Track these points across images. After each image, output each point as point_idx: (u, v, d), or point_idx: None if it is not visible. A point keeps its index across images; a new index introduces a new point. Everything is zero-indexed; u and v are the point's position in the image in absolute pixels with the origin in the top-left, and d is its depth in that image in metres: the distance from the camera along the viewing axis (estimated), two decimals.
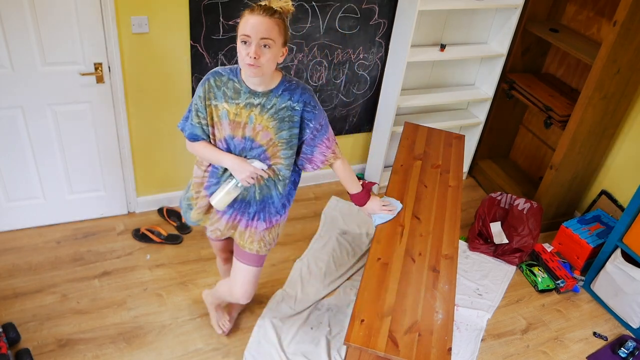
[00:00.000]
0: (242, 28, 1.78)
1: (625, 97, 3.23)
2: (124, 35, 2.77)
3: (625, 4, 2.82)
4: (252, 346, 2.68)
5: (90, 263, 3.04)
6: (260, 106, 1.94)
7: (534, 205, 3.44)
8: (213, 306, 2.70)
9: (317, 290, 3.04)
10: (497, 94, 3.90)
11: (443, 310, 2.00)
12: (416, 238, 2.32)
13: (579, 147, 3.37)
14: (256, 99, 1.93)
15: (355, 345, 1.83)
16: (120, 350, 2.59)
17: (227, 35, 3.00)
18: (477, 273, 3.32)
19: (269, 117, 1.95)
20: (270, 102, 1.94)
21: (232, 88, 1.94)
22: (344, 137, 3.83)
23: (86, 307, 2.78)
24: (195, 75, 3.06)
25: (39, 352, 2.53)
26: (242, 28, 1.78)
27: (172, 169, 3.37)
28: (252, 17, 1.77)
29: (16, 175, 3.00)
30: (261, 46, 1.78)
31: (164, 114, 3.13)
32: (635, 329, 3.05)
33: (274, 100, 1.94)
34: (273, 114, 1.95)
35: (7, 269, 2.94)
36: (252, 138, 1.99)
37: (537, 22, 3.60)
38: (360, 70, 3.52)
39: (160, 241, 3.22)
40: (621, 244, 3.06)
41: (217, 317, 2.73)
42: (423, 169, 2.76)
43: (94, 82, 2.86)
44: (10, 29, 2.55)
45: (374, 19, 3.33)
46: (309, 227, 3.52)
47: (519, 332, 3.00)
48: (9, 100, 2.74)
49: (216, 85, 1.94)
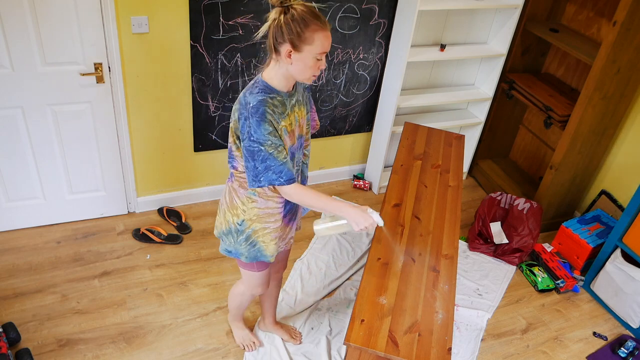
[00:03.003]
0: (319, 46, 1.71)
1: (625, 97, 3.23)
2: (124, 35, 2.77)
3: (625, 4, 2.82)
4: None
5: (90, 263, 3.04)
6: (297, 102, 1.91)
7: (533, 205, 3.44)
8: (238, 320, 2.65)
9: (317, 290, 3.04)
10: (497, 94, 3.90)
11: (443, 310, 2.00)
12: (416, 238, 2.32)
13: (579, 147, 3.37)
14: (293, 98, 1.88)
15: (355, 345, 1.83)
16: (120, 350, 2.59)
17: (227, 35, 3.00)
18: (477, 273, 3.32)
19: (302, 106, 1.94)
20: (298, 93, 1.92)
21: (279, 103, 1.82)
22: (344, 137, 3.83)
23: (86, 307, 2.78)
24: (195, 75, 3.06)
25: (39, 352, 2.53)
26: (319, 46, 1.71)
27: (172, 169, 3.37)
28: (326, 34, 1.72)
29: (16, 175, 3.00)
30: None
31: (164, 114, 3.13)
32: (635, 329, 3.05)
33: (298, 90, 1.92)
34: (302, 102, 1.95)
35: (7, 269, 2.94)
36: (300, 135, 1.97)
37: (537, 22, 3.60)
38: (360, 70, 3.52)
39: (160, 241, 3.22)
40: (621, 244, 3.06)
41: (243, 335, 2.67)
42: (423, 169, 2.77)
43: (94, 82, 2.86)
44: (10, 29, 2.55)
45: (374, 19, 3.33)
46: (309, 227, 3.52)
47: (519, 332, 3.00)
48: (9, 100, 2.74)
49: (272, 111, 1.78)
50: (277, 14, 1.70)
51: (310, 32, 1.68)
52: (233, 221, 2.01)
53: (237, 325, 2.67)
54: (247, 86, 1.84)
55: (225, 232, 2.06)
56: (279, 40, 1.71)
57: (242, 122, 1.78)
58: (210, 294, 2.95)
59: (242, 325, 2.68)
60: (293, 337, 2.72)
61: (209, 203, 3.59)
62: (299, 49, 1.70)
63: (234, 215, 2.00)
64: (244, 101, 1.78)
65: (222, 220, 2.07)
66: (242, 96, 1.80)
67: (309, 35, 1.68)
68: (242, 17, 2.97)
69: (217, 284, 3.00)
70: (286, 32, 1.68)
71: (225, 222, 2.05)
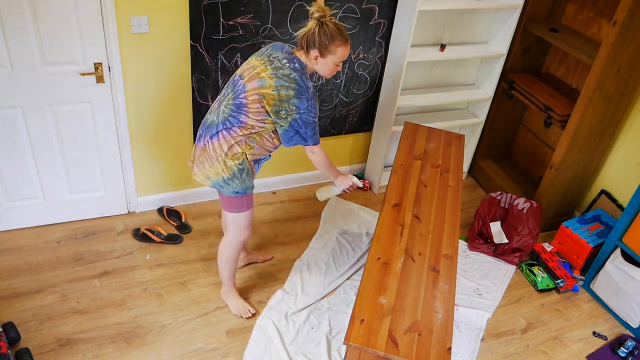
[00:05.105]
0: (340, 56, 2.25)
1: (625, 97, 3.23)
2: (124, 35, 2.77)
3: (625, 4, 2.82)
4: (252, 346, 2.69)
5: (90, 263, 3.04)
6: None
7: (533, 205, 3.44)
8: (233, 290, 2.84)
9: (317, 290, 3.04)
10: (497, 94, 3.90)
11: (443, 310, 2.01)
12: (416, 238, 2.32)
13: (579, 147, 3.37)
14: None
15: (355, 345, 1.83)
16: (120, 350, 2.59)
17: (227, 35, 3.00)
18: (477, 273, 3.32)
19: None
20: None
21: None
22: (343, 137, 3.83)
23: (86, 307, 2.78)
24: (195, 75, 3.06)
25: (39, 352, 2.53)
26: (340, 56, 2.25)
27: (172, 169, 3.37)
28: (346, 48, 2.25)
29: (16, 175, 3.00)
30: None
31: (164, 114, 3.13)
32: (634, 329, 3.05)
33: None
34: None
35: (7, 269, 2.94)
36: None
37: (537, 22, 3.61)
38: (360, 70, 3.52)
39: (160, 241, 3.22)
40: (621, 243, 3.06)
41: (239, 304, 2.85)
42: (423, 168, 2.77)
43: (94, 82, 2.86)
44: (10, 29, 2.55)
45: (374, 19, 3.33)
46: (309, 227, 3.52)
47: (519, 332, 3.00)
48: (9, 100, 2.74)
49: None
50: (314, 25, 2.20)
51: (334, 46, 2.22)
52: (235, 164, 2.34)
53: (231, 295, 2.84)
54: (290, 59, 2.24)
55: (230, 177, 2.37)
56: (311, 46, 2.23)
57: (300, 101, 2.23)
58: (210, 293, 2.95)
59: (236, 294, 2.85)
60: (264, 257, 3.20)
61: (208, 203, 3.59)
62: (324, 56, 2.25)
63: (235, 159, 2.34)
64: (303, 83, 2.23)
65: (221, 169, 2.36)
66: (297, 75, 2.23)
67: (333, 48, 2.22)
68: (242, 17, 2.97)
69: (217, 284, 3.00)
70: (317, 42, 2.21)
71: (227, 168, 2.35)
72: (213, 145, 2.34)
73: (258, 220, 3.52)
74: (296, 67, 2.23)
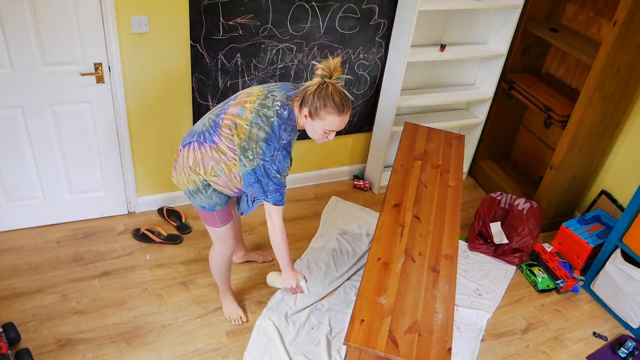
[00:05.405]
0: (329, 124, 2.06)
1: (625, 97, 3.23)
2: (124, 35, 2.77)
3: (625, 4, 2.82)
4: (252, 346, 2.69)
5: (90, 263, 3.04)
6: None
7: (533, 205, 3.44)
8: (228, 294, 2.81)
9: (317, 290, 3.04)
10: (497, 94, 3.90)
11: (443, 310, 2.00)
12: (416, 238, 2.32)
13: (579, 147, 3.37)
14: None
15: (355, 345, 1.83)
16: (120, 350, 2.59)
17: (227, 35, 3.00)
18: (477, 273, 3.32)
19: None
20: None
21: (294, 138, 2.19)
22: (343, 137, 3.83)
23: (86, 307, 2.78)
24: (195, 75, 3.06)
25: (39, 352, 2.53)
26: (329, 124, 2.06)
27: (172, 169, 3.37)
28: (341, 119, 2.05)
29: (16, 175, 3.00)
30: None
31: (164, 114, 3.13)
32: (635, 329, 3.05)
33: None
34: None
35: (7, 269, 2.94)
36: None
37: (537, 22, 3.60)
38: (360, 70, 3.52)
39: (160, 241, 3.22)
40: (621, 244, 3.06)
41: (232, 310, 2.83)
42: (423, 169, 2.77)
43: (94, 82, 2.86)
44: (10, 29, 2.55)
45: (374, 19, 3.33)
46: (309, 227, 3.52)
47: (519, 332, 3.00)
48: (9, 100, 2.74)
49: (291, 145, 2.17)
50: (315, 84, 2.03)
51: (325, 112, 2.03)
52: (199, 179, 2.25)
53: (226, 298, 2.83)
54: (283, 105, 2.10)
55: (194, 191, 2.29)
56: (304, 103, 2.07)
57: (268, 147, 2.09)
58: (210, 294, 2.95)
59: (231, 298, 2.83)
60: (264, 257, 3.18)
61: None
62: (312, 118, 2.07)
63: (198, 175, 2.25)
64: (277, 131, 2.08)
65: (186, 180, 2.28)
66: (277, 122, 2.08)
67: (323, 113, 2.03)
68: (242, 17, 2.97)
69: (217, 284, 3.00)
70: (310, 101, 2.04)
71: (191, 182, 2.27)
72: (182, 153, 2.27)
73: (258, 220, 3.52)
74: (282, 115, 2.09)
